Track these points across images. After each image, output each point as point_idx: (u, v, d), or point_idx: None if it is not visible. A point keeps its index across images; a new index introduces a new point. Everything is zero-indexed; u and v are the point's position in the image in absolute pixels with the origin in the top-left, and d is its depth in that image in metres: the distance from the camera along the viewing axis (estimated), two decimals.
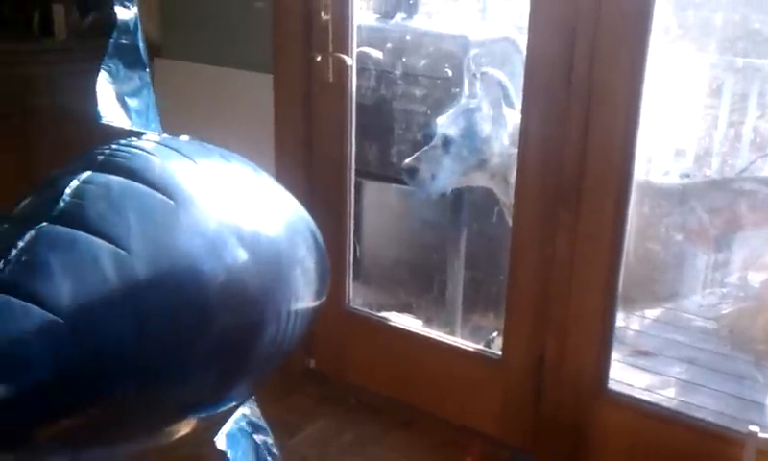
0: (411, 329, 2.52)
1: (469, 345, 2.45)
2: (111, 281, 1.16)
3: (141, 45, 1.51)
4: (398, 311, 2.65)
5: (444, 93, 2.59)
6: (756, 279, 2.82)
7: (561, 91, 2.00)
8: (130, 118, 1.48)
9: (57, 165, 1.35)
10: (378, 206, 2.66)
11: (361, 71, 2.48)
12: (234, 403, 1.48)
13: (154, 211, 1.26)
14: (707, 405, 2.86)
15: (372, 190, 2.65)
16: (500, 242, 2.71)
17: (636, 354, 2.93)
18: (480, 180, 2.48)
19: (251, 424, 1.52)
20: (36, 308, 1.10)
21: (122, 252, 1.19)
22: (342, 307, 2.57)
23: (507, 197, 2.42)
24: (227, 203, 1.38)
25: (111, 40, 1.47)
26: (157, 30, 2.74)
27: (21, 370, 1.08)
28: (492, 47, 2.66)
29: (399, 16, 2.83)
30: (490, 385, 2.32)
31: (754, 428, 1.85)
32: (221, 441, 1.44)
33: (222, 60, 2.51)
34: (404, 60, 2.64)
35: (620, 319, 2.50)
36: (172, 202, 1.27)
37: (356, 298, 2.61)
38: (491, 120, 2.42)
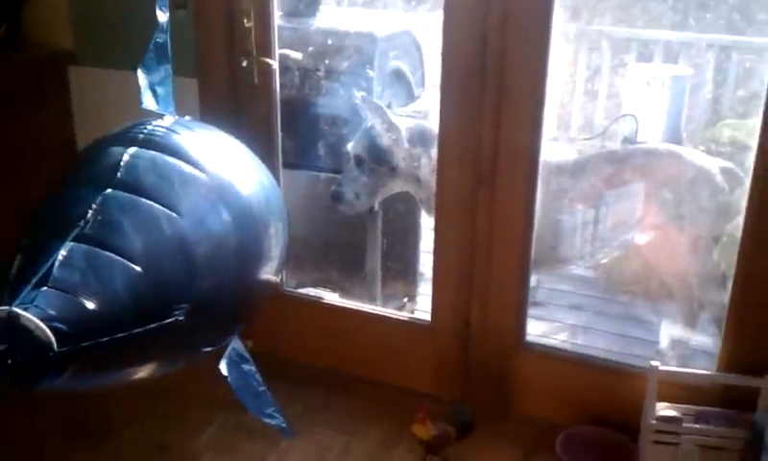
0: (344, 305, 2.75)
1: (401, 314, 2.71)
2: (168, 237, 1.48)
3: (168, 43, 1.81)
4: (326, 288, 2.86)
5: (358, 87, 2.81)
6: (628, 232, 3.20)
7: (474, 84, 2.25)
8: (157, 102, 1.80)
9: None
10: (304, 194, 2.85)
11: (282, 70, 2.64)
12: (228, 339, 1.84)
13: (191, 181, 1.58)
14: (596, 345, 3.27)
15: (297, 179, 2.84)
16: (411, 223, 3.01)
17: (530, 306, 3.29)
18: (397, 186, 2.80)
19: (238, 355, 1.88)
20: (118, 258, 1.37)
21: (174, 215, 1.49)
22: (276, 290, 2.74)
23: (422, 193, 2.72)
24: (226, 170, 1.71)
25: (152, 39, 1.80)
26: (70, 36, 2.77)
27: (110, 304, 1.35)
28: (395, 41, 2.89)
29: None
30: (421, 349, 2.58)
31: (654, 363, 2.20)
32: (222, 367, 1.81)
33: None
34: (321, 58, 2.83)
35: None
36: (204, 174, 1.61)
37: (288, 281, 2.80)
38: (385, 132, 2.69)
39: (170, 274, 1.47)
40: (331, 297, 2.79)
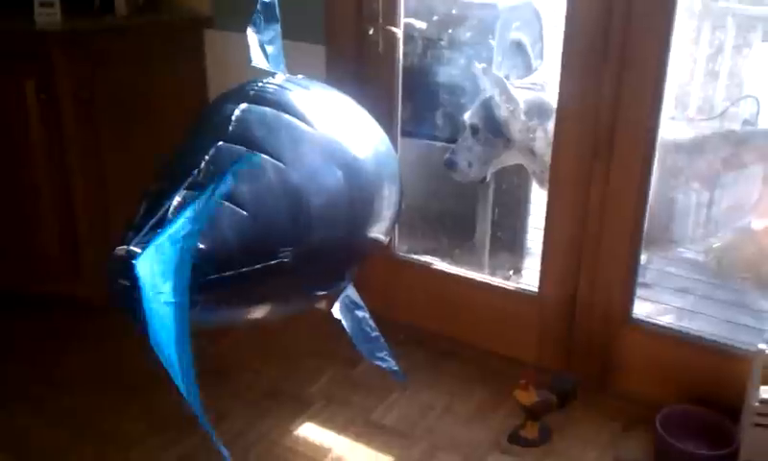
0: (453, 271, 2.82)
1: (508, 284, 2.77)
2: (274, 185, 1.57)
3: (276, 3, 1.92)
4: (436, 255, 2.94)
5: (479, 57, 2.87)
6: (743, 216, 3.15)
7: (596, 56, 2.27)
8: (268, 61, 1.90)
9: None
10: (419, 162, 2.94)
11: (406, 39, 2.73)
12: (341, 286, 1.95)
13: (299, 135, 1.68)
14: (703, 330, 3.23)
15: (413, 147, 2.92)
16: (521, 196, 3.05)
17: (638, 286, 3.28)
18: (511, 158, 2.84)
19: (352, 302, 1.98)
20: (227, 204, 1.48)
21: (280, 164, 1.59)
22: (389, 254, 2.86)
23: (536, 166, 2.76)
24: (340, 129, 1.80)
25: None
26: (208, 2, 2.94)
27: (220, 245, 1.47)
28: (516, 12, 2.93)
29: None
30: (527, 318, 2.64)
31: (762, 346, 2.19)
32: (336, 311, 1.91)
33: None
34: (444, 28, 2.89)
35: None
36: (312, 128, 1.70)
37: (401, 245, 2.91)
38: (503, 103, 2.73)
39: (276, 219, 1.56)
40: (441, 264, 2.87)
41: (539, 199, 3.01)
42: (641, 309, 2.72)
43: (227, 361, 2.71)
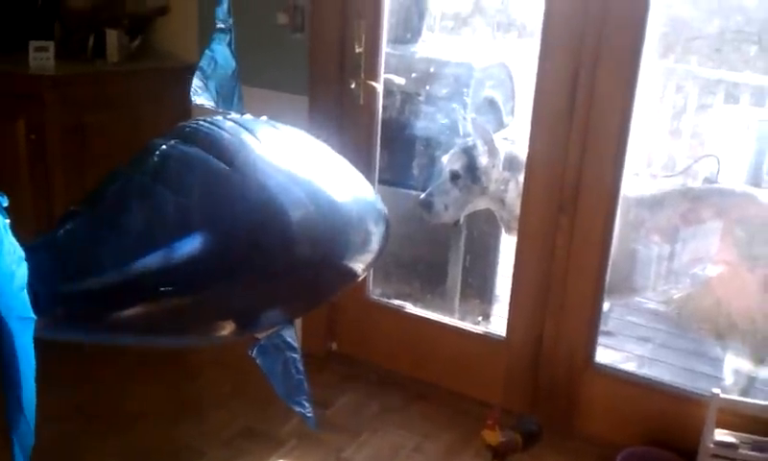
0: (424, 316, 2.93)
1: (477, 328, 2.89)
2: (171, 223, 1.54)
3: (232, 45, 1.90)
4: (408, 300, 3.05)
5: (453, 112, 3.02)
6: (701, 268, 3.30)
7: (563, 120, 2.43)
8: (215, 101, 1.87)
9: None
10: (394, 211, 3.05)
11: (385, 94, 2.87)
12: (276, 327, 1.81)
13: (214, 175, 1.61)
14: (662, 377, 3.36)
15: (389, 195, 3.04)
16: (491, 245, 3.18)
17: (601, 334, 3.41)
18: (483, 204, 2.97)
19: (285, 342, 1.83)
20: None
21: (183, 201, 1.55)
22: (363, 297, 2.96)
23: (504, 214, 2.91)
24: (285, 173, 1.69)
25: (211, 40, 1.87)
26: (196, 51, 3.05)
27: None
28: (489, 72, 3.09)
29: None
30: (495, 362, 2.75)
31: (716, 390, 2.32)
32: (254, 351, 1.77)
33: (260, 82, 2.83)
34: (422, 84, 3.05)
35: None
36: (229, 168, 1.62)
37: (375, 289, 3.02)
38: (486, 154, 2.87)
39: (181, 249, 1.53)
40: (413, 308, 2.98)
41: (508, 248, 3.14)
42: (605, 357, 2.84)
43: (202, 400, 2.78)
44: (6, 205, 1.37)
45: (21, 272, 1.32)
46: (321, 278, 1.80)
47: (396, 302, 3.02)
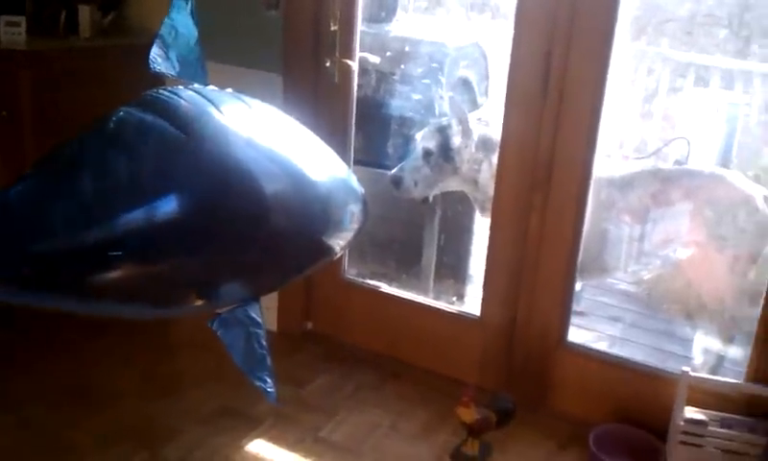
0: (400, 295, 2.95)
1: (452, 308, 2.91)
2: (123, 188, 1.51)
3: (193, 14, 1.86)
4: (383, 281, 3.07)
5: (428, 92, 3.03)
6: (671, 250, 3.35)
7: (536, 101, 2.44)
8: (175, 71, 1.82)
9: None
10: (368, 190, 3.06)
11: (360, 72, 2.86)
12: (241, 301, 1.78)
13: (167, 142, 1.58)
14: (633, 357, 3.41)
15: (363, 175, 3.04)
16: (465, 225, 3.20)
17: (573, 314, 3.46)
18: (454, 184, 2.99)
19: (249, 317, 1.80)
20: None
21: (135, 166, 1.53)
22: (338, 276, 2.97)
23: (478, 195, 2.92)
24: (253, 145, 1.67)
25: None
26: None
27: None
28: (463, 52, 3.10)
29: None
30: (469, 341, 2.78)
31: (686, 368, 2.37)
32: (215, 324, 1.74)
33: (233, 59, 2.81)
34: (397, 63, 3.05)
35: None
36: (184, 136, 1.59)
37: (350, 269, 3.03)
38: (460, 134, 2.89)
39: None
40: (388, 288, 2.99)
41: (482, 229, 3.16)
42: (576, 336, 2.88)
43: (180, 380, 2.77)
44: None
45: None
46: (295, 251, 1.78)
47: (372, 282, 3.03)
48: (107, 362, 2.84)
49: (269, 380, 1.79)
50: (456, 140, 2.88)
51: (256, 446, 2.48)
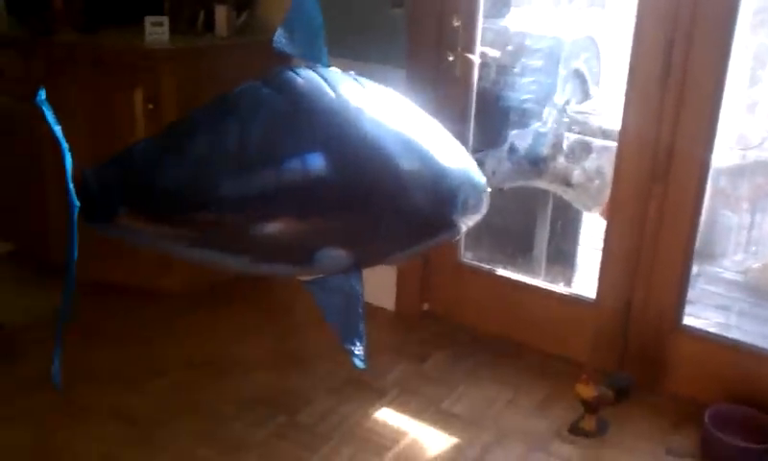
0: (515, 278, 3.08)
1: (567, 291, 3.02)
2: (231, 152, 1.65)
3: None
4: (497, 265, 3.19)
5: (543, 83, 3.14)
6: None
7: (657, 92, 2.53)
8: (298, 52, 1.91)
9: None
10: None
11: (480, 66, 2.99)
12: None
13: (276, 114, 1.71)
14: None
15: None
16: (574, 216, 3.30)
17: None
18: (538, 183, 3.08)
19: (350, 286, 1.87)
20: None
21: (246, 135, 1.66)
22: (455, 260, 3.12)
23: (572, 194, 3.02)
24: (382, 126, 1.76)
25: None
26: None
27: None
28: (578, 44, 3.20)
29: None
30: (584, 323, 2.88)
31: None
32: (312, 287, 1.83)
33: (359, 55, 2.96)
34: (517, 57, 3.18)
35: None
36: (292, 109, 1.71)
37: (466, 253, 3.17)
38: (552, 145, 2.98)
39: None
40: (503, 271, 3.12)
41: (590, 218, 3.25)
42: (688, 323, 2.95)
43: (308, 351, 2.97)
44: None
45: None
46: (426, 227, 1.89)
47: (488, 265, 3.16)
48: (239, 338, 3.07)
49: (358, 344, 1.89)
50: (545, 150, 2.98)
51: (383, 414, 2.65)
